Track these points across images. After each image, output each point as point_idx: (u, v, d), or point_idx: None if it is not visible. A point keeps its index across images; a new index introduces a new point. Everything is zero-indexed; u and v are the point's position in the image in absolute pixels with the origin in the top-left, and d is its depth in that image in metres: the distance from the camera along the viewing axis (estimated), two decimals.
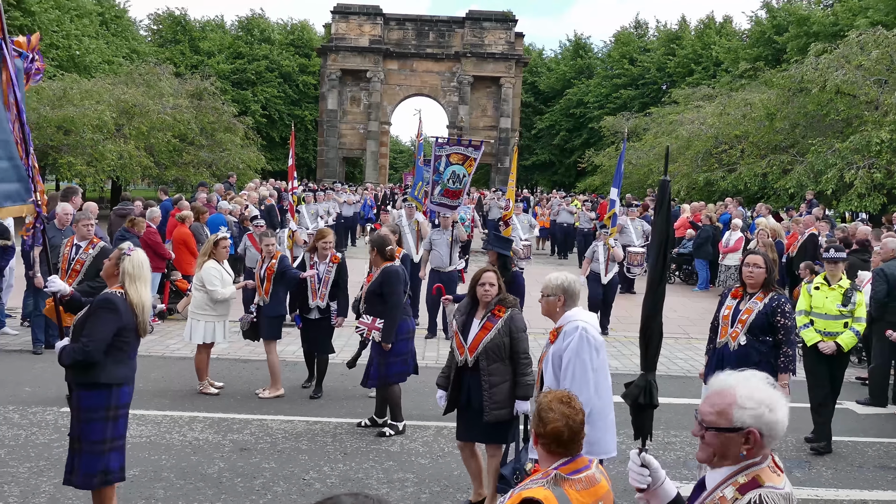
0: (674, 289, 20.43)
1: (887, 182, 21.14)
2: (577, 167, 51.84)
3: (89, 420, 5.37)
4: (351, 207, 28.20)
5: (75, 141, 27.66)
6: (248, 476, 7.05)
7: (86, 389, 5.39)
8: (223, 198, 19.48)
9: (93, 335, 5.28)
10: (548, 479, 3.21)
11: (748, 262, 6.93)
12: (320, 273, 9.61)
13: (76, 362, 5.31)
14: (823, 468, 7.93)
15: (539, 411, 3.36)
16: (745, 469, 2.69)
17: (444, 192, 12.96)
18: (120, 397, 5.45)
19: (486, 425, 6.15)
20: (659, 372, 11.50)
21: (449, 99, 53.49)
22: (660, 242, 3.43)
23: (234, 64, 56.14)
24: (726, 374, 2.78)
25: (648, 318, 3.43)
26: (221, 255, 9.78)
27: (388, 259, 8.54)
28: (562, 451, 3.32)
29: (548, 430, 3.30)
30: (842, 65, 22.79)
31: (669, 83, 50.51)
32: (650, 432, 3.35)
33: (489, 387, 6.10)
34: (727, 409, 2.69)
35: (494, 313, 6.22)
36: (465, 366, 6.25)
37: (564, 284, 5.51)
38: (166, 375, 10.39)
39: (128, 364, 5.52)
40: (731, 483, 2.68)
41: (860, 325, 8.51)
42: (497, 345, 6.13)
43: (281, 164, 51.42)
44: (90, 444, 5.37)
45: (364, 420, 8.72)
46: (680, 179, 29.69)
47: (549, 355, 5.42)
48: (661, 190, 3.49)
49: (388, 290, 8.30)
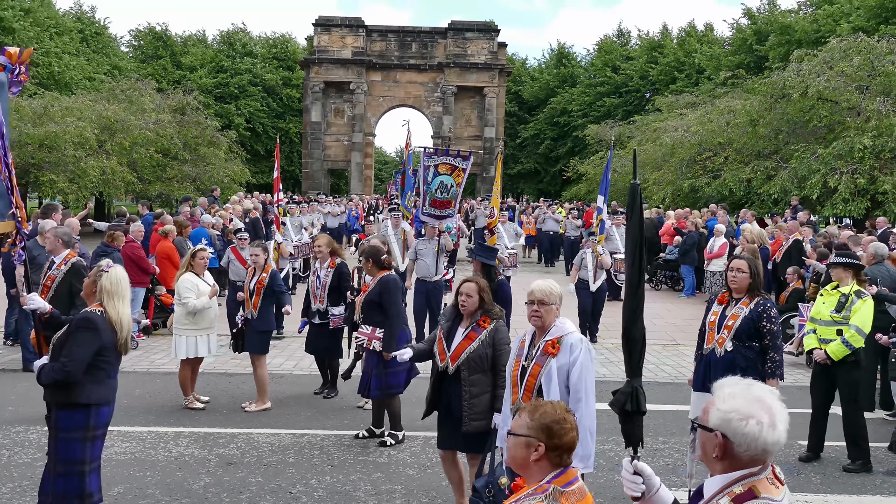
0: (660, 295, 20.46)
1: (871, 187, 21.27)
2: (562, 176, 51.96)
3: (67, 440, 5.29)
4: (336, 219, 28.16)
5: (57, 158, 27.54)
6: (235, 491, 6.98)
7: (64, 409, 5.31)
8: (207, 211, 19.42)
9: (72, 355, 5.20)
10: (546, 494, 3.13)
11: (732, 268, 6.93)
12: (321, 278, 9.96)
13: (55, 382, 5.23)
14: (812, 473, 7.92)
15: (552, 424, 3.21)
16: (742, 479, 2.65)
17: (431, 201, 12.93)
18: (99, 418, 5.38)
19: (465, 435, 6.11)
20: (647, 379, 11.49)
21: (433, 109, 53.55)
22: (634, 247, 3.39)
23: (216, 78, 56.03)
24: (736, 379, 2.77)
25: (629, 324, 3.39)
26: (200, 268, 9.66)
27: (384, 268, 8.52)
28: (566, 462, 3.25)
29: (564, 442, 3.20)
30: (824, 71, 22.94)
31: (652, 91, 50.75)
32: (641, 439, 3.30)
33: (469, 397, 6.05)
34: (709, 407, 2.71)
35: (479, 324, 6.18)
36: (446, 373, 6.21)
37: (561, 293, 5.44)
38: (151, 391, 10.29)
39: (107, 384, 5.44)
40: (727, 493, 2.64)
41: (852, 335, 8.00)
42: (480, 356, 6.08)
43: (266, 176, 51.33)
44: (69, 464, 5.29)
45: (362, 431, 8.66)
46: (665, 186, 29.81)
47: (551, 368, 5.22)
48: (632, 194, 3.45)
49: (388, 300, 8.29)
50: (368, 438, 8.51)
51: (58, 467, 5.31)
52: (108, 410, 5.49)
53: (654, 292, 21.07)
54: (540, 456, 3.19)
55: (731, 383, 2.74)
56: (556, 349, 5.26)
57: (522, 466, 3.26)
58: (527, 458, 3.21)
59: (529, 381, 5.29)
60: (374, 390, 8.25)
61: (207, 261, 9.93)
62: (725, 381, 2.77)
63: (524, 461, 3.23)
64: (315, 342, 10.17)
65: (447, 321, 6.38)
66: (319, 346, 10.16)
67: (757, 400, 2.64)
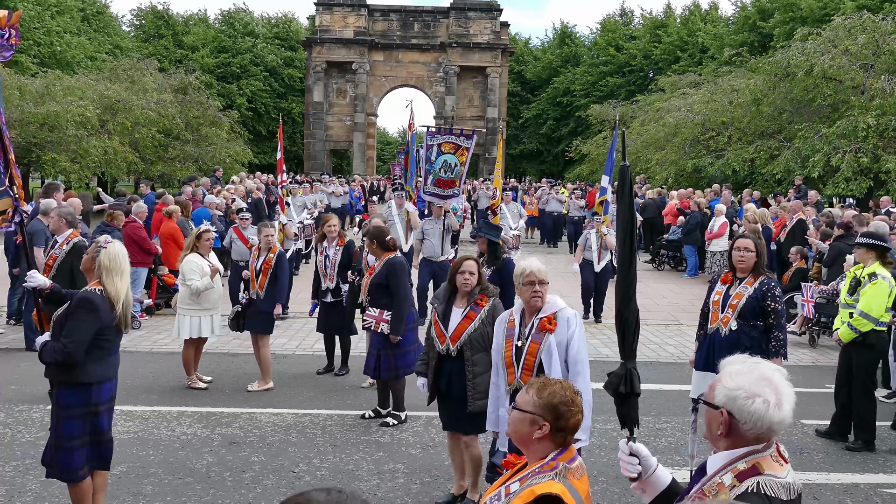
0: (663, 276, 20.44)
1: (874, 166, 21.18)
2: (565, 156, 51.76)
3: (67, 417, 5.33)
4: (339, 199, 28.10)
5: (59, 137, 27.48)
6: (238, 470, 6.99)
7: (65, 387, 5.34)
8: (209, 192, 19.38)
9: (72, 336, 5.20)
10: (556, 472, 3.12)
11: (738, 247, 6.88)
12: (331, 256, 10.04)
13: (56, 362, 5.24)
14: (815, 452, 7.93)
15: (559, 405, 3.18)
16: (746, 456, 2.63)
17: (435, 181, 12.88)
18: (100, 395, 5.39)
19: (468, 415, 6.10)
20: (649, 359, 11.54)
21: (435, 90, 53.29)
22: (625, 229, 3.36)
23: (218, 58, 55.76)
24: (744, 357, 2.75)
25: (622, 306, 3.37)
26: (205, 248, 9.59)
27: (390, 249, 8.48)
28: (569, 442, 3.24)
29: (570, 424, 3.19)
30: (828, 49, 22.79)
31: (656, 70, 50.46)
32: (637, 421, 3.29)
33: (473, 377, 6.03)
34: (715, 384, 2.69)
35: (477, 303, 6.16)
36: (447, 354, 6.19)
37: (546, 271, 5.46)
38: (154, 371, 10.30)
39: (108, 361, 5.45)
40: (731, 469, 2.62)
41: (856, 318, 7.99)
42: (481, 334, 6.06)
43: (269, 157, 51.20)
44: (67, 440, 5.32)
45: (368, 412, 8.67)
46: (668, 167, 29.70)
47: (551, 344, 5.24)
48: (622, 176, 3.41)
49: (395, 283, 8.24)
50: (374, 419, 8.51)
51: (59, 442, 5.34)
52: (110, 386, 5.50)
53: (657, 272, 21.05)
54: (544, 435, 3.18)
55: (737, 361, 2.72)
56: (553, 325, 5.27)
57: (523, 442, 3.26)
58: (530, 435, 3.20)
59: (528, 359, 5.28)
60: (385, 372, 8.22)
61: (212, 241, 9.90)
62: (732, 359, 2.75)
63: (526, 438, 3.22)
64: (328, 321, 10.21)
65: (441, 303, 6.34)
66: (333, 325, 10.20)
67: (764, 378, 2.62)
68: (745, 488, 2.55)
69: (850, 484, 7.14)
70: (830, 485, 7.10)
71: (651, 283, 18.97)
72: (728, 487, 2.60)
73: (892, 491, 7.00)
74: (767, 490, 2.54)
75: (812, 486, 7.01)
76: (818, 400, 9.23)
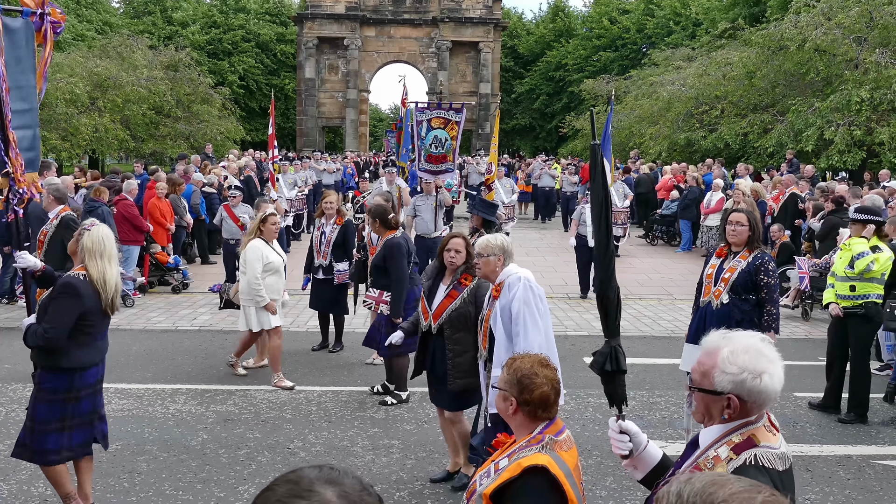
0: (657, 250, 20.46)
1: (867, 139, 21.16)
2: (558, 132, 51.62)
3: (47, 401, 5.29)
4: (332, 176, 28.02)
5: (49, 115, 27.27)
6: (233, 447, 7.00)
7: (48, 371, 5.30)
8: (200, 169, 19.32)
9: (54, 322, 5.16)
10: (542, 445, 3.16)
11: (731, 221, 6.87)
12: (326, 234, 9.96)
13: (38, 347, 5.21)
14: (808, 424, 7.97)
15: (522, 378, 3.26)
16: (740, 428, 2.62)
17: (427, 157, 12.83)
18: (84, 380, 5.35)
19: (450, 393, 6.12)
20: (643, 333, 11.56)
21: (428, 65, 53.02)
22: (599, 208, 3.34)
23: (209, 34, 55.32)
24: (719, 334, 2.71)
25: (603, 285, 3.34)
26: (270, 234, 8.83)
27: (391, 228, 8.44)
28: (546, 415, 3.28)
29: (535, 397, 3.23)
30: (821, 23, 22.66)
31: (649, 45, 50.25)
32: (625, 398, 3.29)
33: (453, 356, 6.04)
34: (710, 371, 2.63)
35: (461, 281, 6.16)
36: (430, 331, 6.22)
37: (504, 245, 5.59)
38: (148, 349, 10.30)
39: (94, 346, 5.40)
40: (726, 442, 2.62)
41: (862, 285, 8.14)
42: (462, 314, 6.06)
43: (261, 134, 50.92)
44: (41, 423, 5.28)
45: (377, 386, 8.68)
46: (661, 141, 29.65)
47: (496, 310, 5.44)
48: (593, 155, 3.38)
49: (391, 265, 8.23)
50: (383, 394, 8.50)
51: (35, 425, 5.30)
52: (96, 371, 5.46)
53: (651, 247, 21.06)
54: (514, 410, 3.27)
55: (719, 343, 2.66)
56: (498, 292, 5.49)
57: (506, 419, 3.37)
58: (505, 411, 3.32)
59: (484, 325, 5.58)
60: (385, 349, 8.21)
61: (278, 226, 9.20)
62: (713, 342, 2.69)
63: (504, 414, 3.34)
64: (320, 298, 10.17)
65: (428, 279, 6.38)
66: (324, 301, 10.17)
67: (758, 352, 2.60)
68: (743, 461, 2.54)
69: (843, 455, 7.18)
70: (823, 457, 7.15)
71: (644, 257, 18.99)
72: (724, 461, 2.58)
73: (885, 462, 7.05)
74: (764, 462, 2.53)
75: (805, 458, 7.05)
76: (811, 373, 9.29)
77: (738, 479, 1.77)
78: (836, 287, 8.37)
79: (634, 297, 14.04)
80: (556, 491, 3.05)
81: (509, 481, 3.08)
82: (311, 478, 1.50)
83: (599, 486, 6.37)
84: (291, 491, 1.47)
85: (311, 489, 1.47)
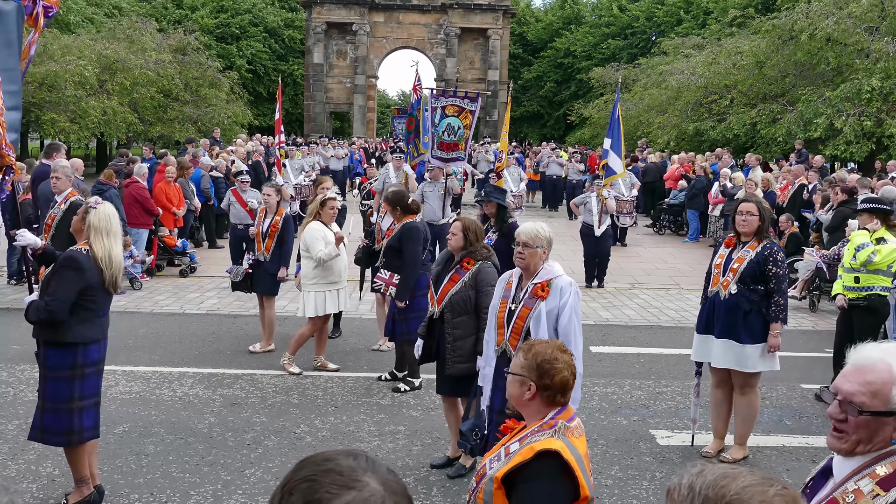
0: (664, 240, 20.42)
1: (877, 130, 21.06)
2: (566, 120, 51.45)
3: (55, 378, 5.31)
4: (340, 161, 27.98)
5: (57, 98, 27.32)
6: (239, 430, 7.03)
7: (52, 348, 5.33)
8: (209, 153, 19.33)
9: (56, 294, 5.18)
10: (555, 430, 3.17)
11: (741, 211, 6.83)
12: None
13: (40, 321, 5.23)
14: (814, 416, 7.96)
15: (542, 363, 3.25)
16: (885, 458, 2.27)
17: (439, 144, 12.78)
18: (87, 356, 5.36)
19: (449, 378, 6.12)
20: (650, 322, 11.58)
21: (436, 52, 52.83)
22: None
23: (217, 18, 55.18)
24: (875, 348, 2.37)
25: None
26: (328, 217, 8.80)
27: (413, 212, 8.38)
28: (563, 399, 3.29)
29: (556, 381, 3.24)
30: (832, 12, 22.54)
31: (658, 33, 50.01)
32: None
33: (453, 340, 6.03)
34: (883, 388, 2.26)
35: (463, 265, 6.14)
36: (435, 317, 6.21)
37: (550, 238, 5.38)
38: (155, 331, 10.33)
39: (96, 322, 5.41)
40: (868, 474, 2.26)
41: (867, 277, 8.11)
42: (462, 298, 6.04)
43: (269, 119, 50.72)
44: (54, 402, 5.30)
45: (385, 374, 8.68)
46: (670, 130, 29.54)
47: (541, 312, 5.19)
48: None
49: (406, 247, 8.16)
50: (390, 381, 8.51)
51: (45, 404, 5.33)
52: (98, 348, 5.46)
53: (658, 237, 21.03)
54: (532, 395, 3.27)
55: (883, 357, 2.33)
56: (545, 292, 5.24)
57: (519, 405, 3.35)
58: (521, 396, 3.30)
59: (517, 323, 5.27)
60: (398, 335, 8.20)
61: (336, 210, 9.10)
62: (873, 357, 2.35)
63: (519, 399, 3.32)
64: None
65: (437, 265, 6.37)
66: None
67: None
68: (894, 499, 2.20)
69: None
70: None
71: (652, 247, 18.96)
72: (869, 496, 2.24)
73: None
74: None
75: (811, 449, 7.05)
76: (818, 364, 9.26)
77: (751, 471, 1.74)
78: (843, 278, 8.37)
79: (641, 287, 14.03)
80: (568, 476, 3.06)
81: (522, 464, 3.09)
82: (350, 466, 1.47)
83: (605, 475, 6.38)
84: (337, 482, 1.43)
85: (357, 479, 1.45)
